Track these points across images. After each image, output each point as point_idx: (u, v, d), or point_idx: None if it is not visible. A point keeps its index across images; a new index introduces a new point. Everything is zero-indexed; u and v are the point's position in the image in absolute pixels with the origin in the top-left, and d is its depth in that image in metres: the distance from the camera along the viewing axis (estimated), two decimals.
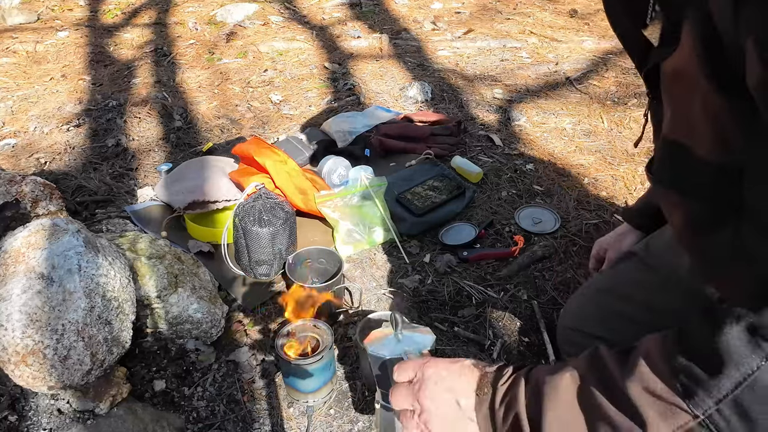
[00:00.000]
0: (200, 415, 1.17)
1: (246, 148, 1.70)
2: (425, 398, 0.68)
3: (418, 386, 0.69)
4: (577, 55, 2.68)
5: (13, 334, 0.99)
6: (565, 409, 0.59)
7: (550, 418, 0.60)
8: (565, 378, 0.60)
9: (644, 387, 0.54)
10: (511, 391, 0.64)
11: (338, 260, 1.42)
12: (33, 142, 2.15)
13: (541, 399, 0.61)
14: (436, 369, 0.69)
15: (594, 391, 0.58)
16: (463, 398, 0.67)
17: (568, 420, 0.59)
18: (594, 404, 0.57)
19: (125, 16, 3.33)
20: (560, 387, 0.60)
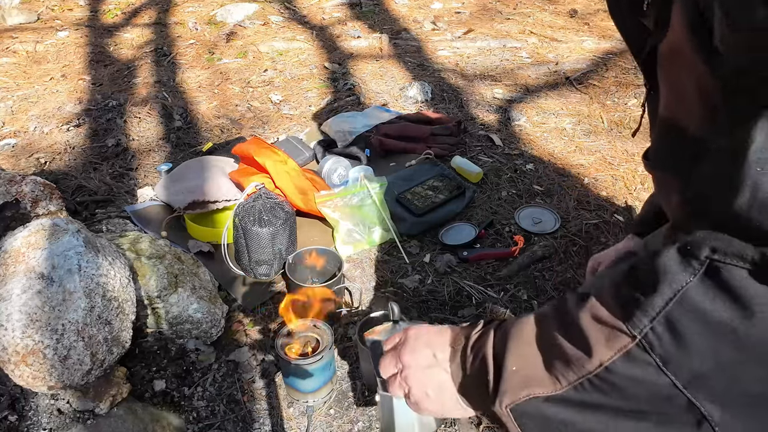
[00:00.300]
0: (200, 415, 1.17)
1: (246, 148, 1.70)
2: (405, 354, 0.71)
3: (401, 346, 0.73)
4: (577, 55, 2.68)
5: (13, 334, 0.99)
6: (527, 347, 0.61)
7: (512, 355, 0.61)
8: (530, 320, 0.63)
9: (593, 315, 0.56)
10: (481, 339, 0.66)
11: (338, 260, 1.42)
12: (33, 142, 2.15)
13: (506, 339, 0.63)
14: (418, 330, 0.73)
15: (552, 328, 0.60)
16: (439, 351, 0.70)
17: (528, 356, 0.61)
18: (551, 340, 0.59)
19: (125, 16, 3.33)
20: (525, 327, 0.63)
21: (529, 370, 0.60)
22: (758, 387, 0.49)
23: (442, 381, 0.69)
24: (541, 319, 0.62)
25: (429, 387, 0.70)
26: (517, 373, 0.61)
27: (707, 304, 0.48)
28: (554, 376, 0.58)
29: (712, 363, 0.49)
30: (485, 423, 1.13)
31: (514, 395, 0.60)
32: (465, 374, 0.67)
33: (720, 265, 0.47)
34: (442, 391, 0.69)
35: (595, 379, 0.55)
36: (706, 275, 0.48)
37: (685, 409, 0.52)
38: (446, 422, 1.14)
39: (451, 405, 0.69)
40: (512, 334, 0.63)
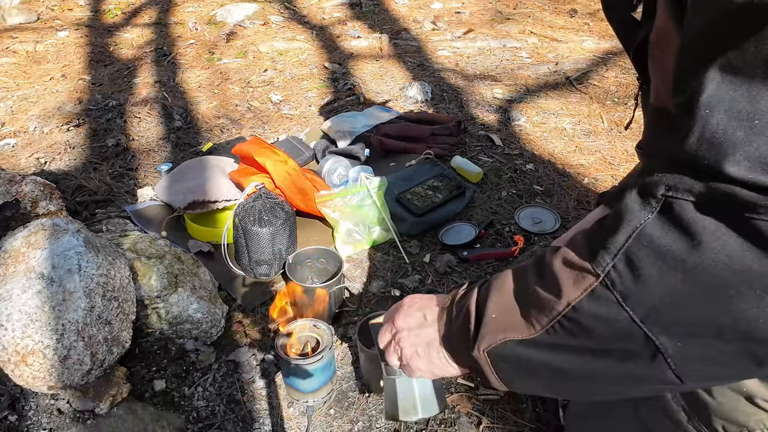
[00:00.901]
0: (200, 414, 1.17)
1: (246, 148, 1.70)
2: (398, 319, 0.76)
3: (395, 313, 0.77)
4: (577, 55, 2.68)
5: (13, 334, 1.00)
6: (505, 295, 0.65)
7: (492, 304, 0.65)
8: (510, 271, 0.66)
9: (563, 259, 0.59)
10: (466, 295, 0.70)
11: (338, 260, 1.42)
12: (33, 141, 2.15)
13: (488, 291, 0.66)
14: (411, 297, 0.78)
15: (529, 276, 0.63)
16: (429, 312, 0.74)
17: (506, 304, 0.64)
18: (528, 288, 0.62)
19: (125, 16, 3.33)
20: (505, 279, 0.66)
21: (506, 317, 0.63)
22: (706, 315, 0.51)
23: (431, 338, 0.73)
24: (519, 270, 0.65)
25: (419, 346, 0.74)
26: (495, 320, 0.64)
27: (661, 238, 0.51)
28: (529, 322, 0.61)
29: (666, 295, 0.52)
30: (485, 423, 1.14)
31: (491, 339, 0.64)
32: (450, 328, 0.71)
33: (673, 201, 0.50)
34: (430, 348, 0.73)
35: (564, 320, 0.58)
36: (661, 212, 0.51)
37: (643, 343, 0.54)
38: (446, 422, 1.14)
39: (439, 362, 0.73)
40: (493, 286, 0.66)
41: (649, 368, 0.55)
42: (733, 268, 0.48)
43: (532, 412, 1.16)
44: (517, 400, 1.18)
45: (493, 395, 1.19)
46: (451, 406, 1.18)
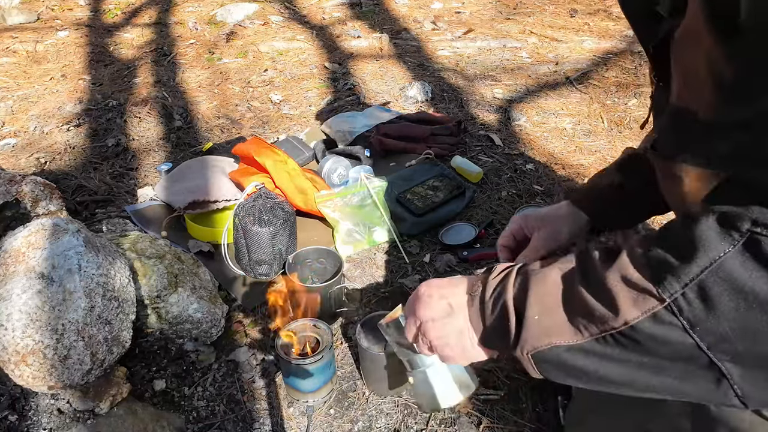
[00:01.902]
0: (200, 414, 1.17)
1: (246, 148, 1.70)
2: (420, 310, 0.75)
3: (416, 304, 0.76)
4: (577, 55, 2.68)
5: (13, 333, 1.00)
6: (549, 297, 0.63)
7: (534, 305, 0.63)
8: (552, 271, 0.64)
9: (621, 275, 0.57)
10: (501, 283, 0.68)
11: (338, 260, 1.42)
12: (33, 141, 2.15)
13: (527, 288, 0.65)
14: (428, 286, 0.76)
15: (576, 281, 0.61)
16: (454, 300, 0.72)
17: (549, 307, 0.63)
18: (575, 293, 0.61)
19: (125, 15, 3.33)
20: (547, 278, 0.64)
21: (550, 320, 0.62)
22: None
23: (461, 328, 0.72)
24: (564, 271, 0.64)
25: (449, 336, 0.73)
26: (538, 323, 0.63)
27: (743, 275, 0.49)
28: (576, 328, 0.60)
29: (740, 330, 0.51)
30: (485, 423, 1.14)
31: (536, 343, 0.63)
32: (484, 320, 0.69)
33: (761, 238, 0.49)
34: (461, 338, 0.72)
35: (618, 334, 0.57)
36: (745, 247, 0.49)
37: (706, 367, 0.54)
38: (446, 422, 1.14)
39: (473, 350, 0.72)
40: (533, 282, 0.65)
41: (710, 391, 0.55)
42: None
43: (532, 412, 1.16)
44: (517, 400, 1.18)
45: (493, 395, 1.19)
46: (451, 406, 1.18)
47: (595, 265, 0.60)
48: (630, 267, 0.57)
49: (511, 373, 1.23)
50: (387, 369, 1.17)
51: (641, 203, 1.02)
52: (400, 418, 1.15)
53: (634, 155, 1.02)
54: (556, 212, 1.04)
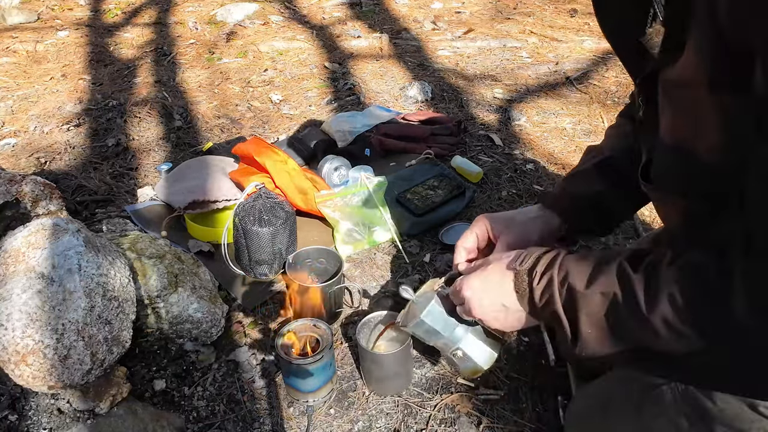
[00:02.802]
0: (200, 414, 1.17)
1: (246, 148, 1.70)
2: (475, 310, 0.87)
3: (468, 306, 0.88)
4: (577, 55, 2.68)
5: (13, 333, 1.00)
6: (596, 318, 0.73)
7: (585, 323, 0.74)
8: (596, 295, 0.73)
9: (663, 320, 0.66)
10: (546, 291, 0.78)
11: (338, 260, 1.42)
12: (33, 141, 2.15)
13: (575, 305, 0.75)
14: (471, 289, 0.87)
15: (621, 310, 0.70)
16: (506, 300, 0.84)
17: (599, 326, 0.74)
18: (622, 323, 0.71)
19: (125, 15, 3.33)
20: (591, 301, 0.73)
21: (601, 335, 0.74)
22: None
23: (521, 317, 0.85)
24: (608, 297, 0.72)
25: (510, 325, 0.87)
26: (591, 336, 0.74)
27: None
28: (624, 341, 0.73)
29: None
30: (485, 423, 1.14)
31: (592, 352, 0.75)
32: (539, 317, 0.83)
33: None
34: (523, 321, 0.85)
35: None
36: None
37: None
38: (446, 422, 1.14)
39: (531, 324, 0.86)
40: (580, 302, 0.74)
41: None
42: None
43: (532, 412, 1.16)
44: (517, 400, 1.18)
45: (493, 395, 1.19)
46: (451, 406, 1.18)
47: (638, 299, 0.68)
48: (671, 314, 0.65)
49: (511, 373, 1.23)
50: (387, 369, 1.17)
51: (617, 209, 1.04)
52: (400, 418, 1.15)
53: (611, 159, 1.01)
54: (526, 216, 1.02)
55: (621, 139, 1.02)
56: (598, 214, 1.02)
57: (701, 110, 0.61)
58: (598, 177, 1.01)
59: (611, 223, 1.07)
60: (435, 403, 1.18)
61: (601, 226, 1.06)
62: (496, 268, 0.85)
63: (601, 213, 1.02)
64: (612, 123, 1.10)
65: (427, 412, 1.16)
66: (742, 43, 0.53)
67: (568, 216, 1.02)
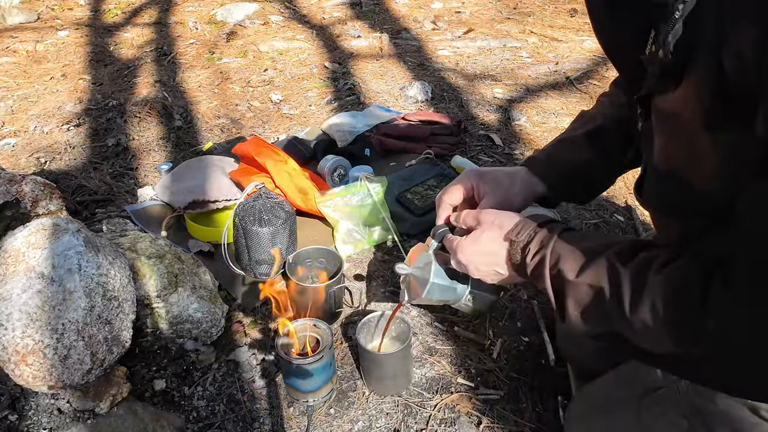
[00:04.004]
0: (200, 414, 1.17)
1: (246, 148, 1.70)
2: (472, 272, 0.89)
3: (466, 267, 0.90)
4: (578, 55, 2.68)
5: (13, 333, 1.00)
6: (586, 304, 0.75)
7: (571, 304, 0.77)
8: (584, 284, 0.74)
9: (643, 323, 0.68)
10: (537, 269, 0.80)
11: (338, 260, 1.42)
12: (33, 141, 2.15)
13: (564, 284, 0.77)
14: (465, 255, 0.89)
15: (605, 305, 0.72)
16: (500, 268, 0.87)
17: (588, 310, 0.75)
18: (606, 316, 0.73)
19: (125, 15, 3.33)
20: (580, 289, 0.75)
21: (588, 320, 0.76)
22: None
23: (516, 278, 0.87)
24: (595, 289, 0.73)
25: (507, 282, 0.91)
26: (577, 317, 0.77)
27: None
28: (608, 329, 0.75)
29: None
30: (485, 423, 1.14)
31: (579, 330, 0.80)
32: (532, 284, 0.84)
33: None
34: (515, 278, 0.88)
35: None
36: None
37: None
38: (446, 422, 1.14)
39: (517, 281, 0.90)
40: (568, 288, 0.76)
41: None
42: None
43: (532, 412, 1.16)
44: (517, 400, 1.18)
45: (493, 395, 1.19)
46: (451, 406, 1.18)
47: (623, 298, 0.70)
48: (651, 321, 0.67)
49: (511, 373, 1.23)
50: (387, 369, 1.17)
51: (601, 179, 1.06)
52: (400, 418, 1.15)
53: (602, 129, 1.03)
54: (513, 179, 1.02)
55: (615, 108, 1.03)
56: (583, 183, 1.04)
57: (696, 144, 0.62)
58: (587, 146, 1.02)
59: (594, 192, 1.09)
60: (435, 403, 1.18)
61: (584, 194, 1.09)
62: (491, 236, 0.86)
63: (586, 182, 1.04)
64: (606, 91, 1.11)
65: (427, 412, 1.16)
66: (745, 87, 0.54)
67: (552, 183, 1.03)
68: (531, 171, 1.03)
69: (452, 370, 1.25)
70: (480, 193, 1.00)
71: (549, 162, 1.04)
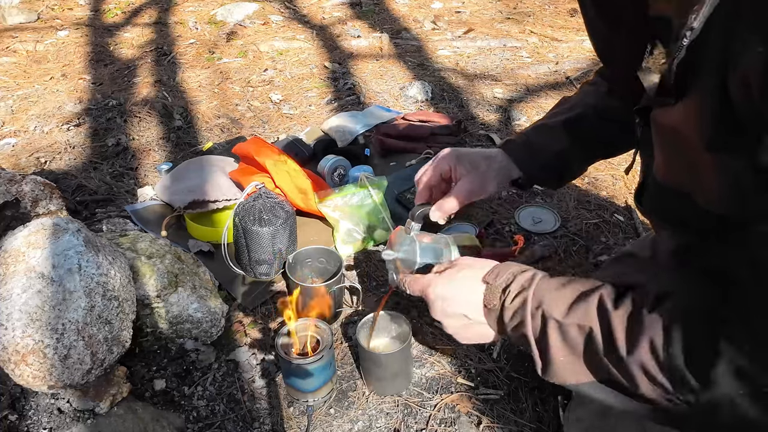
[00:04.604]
0: (200, 414, 1.17)
1: (246, 148, 1.70)
2: (438, 315, 0.86)
3: (432, 305, 0.86)
4: (578, 55, 2.68)
5: (14, 333, 1.00)
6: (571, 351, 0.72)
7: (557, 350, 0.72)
8: (573, 327, 0.71)
9: (642, 366, 0.65)
10: (517, 315, 0.76)
11: (338, 260, 1.42)
12: (33, 141, 2.15)
13: (546, 331, 0.73)
14: (443, 294, 0.85)
15: (599, 349, 0.69)
16: (471, 312, 0.82)
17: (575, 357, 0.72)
18: (599, 359, 0.69)
19: (125, 15, 3.33)
20: (569, 333, 0.71)
21: (574, 365, 0.72)
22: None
23: (484, 332, 0.84)
24: (585, 331, 0.70)
25: (467, 337, 0.87)
26: (563, 364, 0.72)
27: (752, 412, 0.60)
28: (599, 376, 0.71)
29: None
30: (485, 423, 1.14)
31: (563, 379, 0.74)
32: (506, 335, 0.81)
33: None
34: (485, 336, 0.85)
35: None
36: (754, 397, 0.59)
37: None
38: (446, 422, 1.14)
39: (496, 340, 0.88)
40: (555, 330, 0.72)
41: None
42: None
43: (532, 412, 1.16)
44: (517, 400, 1.18)
45: (493, 395, 1.19)
46: (451, 406, 1.18)
47: (616, 339, 0.67)
48: (651, 362, 0.64)
49: (511, 372, 1.23)
50: (387, 369, 1.17)
51: (576, 167, 1.08)
52: (400, 417, 1.15)
53: (581, 118, 1.04)
54: (490, 163, 1.03)
55: (597, 98, 1.04)
56: (557, 171, 1.06)
57: (698, 162, 0.62)
58: (565, 135, 1.02)
59: (566, 179, 1.11)
60: (435, 403, 1.18)
61: (556, 182, 1.10)
62: (468, 275, 0.83)
63: (560, 170, 1.06)
64: (589, 79, 1.12)
65: (427, 412, 1.16)
66: (749, 113, 0.54)
67: (527, 169, 1.04)
68: (508, 155, 1.05)
69: (452, 370, 1.25)
70: (457, 174, 1.02)
71: (526, 148, 1.05)
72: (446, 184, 1.04)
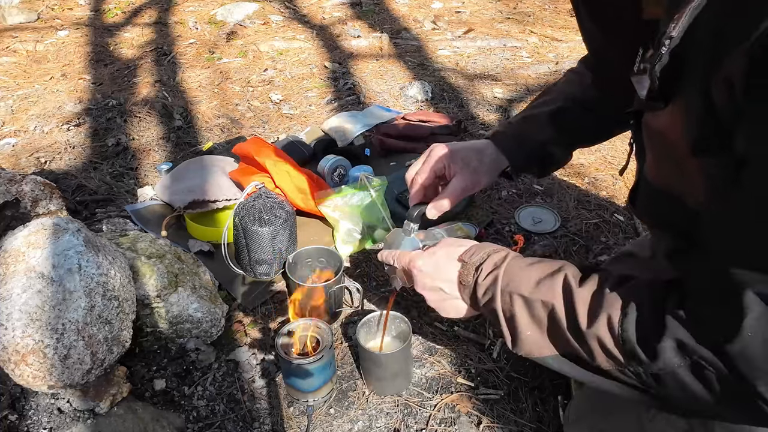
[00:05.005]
0: (200, 414, 1.17)
1: (246, 148, 1.70)
2: (419, 287, 0.92)
3: (414, 279, 0.92)
4: (578, 55, 2.68)
5: (14, 333, 1.00)
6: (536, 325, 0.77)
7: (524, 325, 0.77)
8: (538, 301, 0.76)
9: (598, 339, 0.70)
10: (489, 291, 0.81)
11: (338, 260, 1.42)
12: (33, 141, 2.15)
13: (513, 307, 0.78)
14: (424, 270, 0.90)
15: (561, 323, 0.74)
16: (446, 286, 0.88)
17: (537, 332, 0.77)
18: (560, 332, 0.74)
19: (125, 15, 3.33)
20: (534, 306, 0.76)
21: (539, 339, 0.77)
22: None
23: (459, 306, 0.89)
24: (548, 307, 0.75)
25: (445, 309, 0.91)
26: (529, 338, 0.78)
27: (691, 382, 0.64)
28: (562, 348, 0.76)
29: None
30: (485, 423, 1.14)
31: (529, 352, 0.79)
32: (478, 310, 0.86)
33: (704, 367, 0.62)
34: (459, 311, 0.90)
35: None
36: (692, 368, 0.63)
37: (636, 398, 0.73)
38: (446, 422, 1.14)
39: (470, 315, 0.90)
40: (522, 306, 0.77)
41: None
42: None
43: (532, 412, 1.16)
44: (517, 400, 1.18)
45: (493, 395, 1.19)
46: (451, 406, 1.18)
47: (578, 315, 0.71)
48: (607, 336, 0.68)
49: (511, 372, 1.23)
50: (387, 369, 1.17)
51: (561, 156, 1.13)
52: (400, 417, 1.15)
53: (565, 109, 1.08)
54: (481, 158, 1.07)
55: (581, 89, 1.08)
56: (543, 161, 1.11)
57: (685, 165, 0.64)
58: (550, 126, 1.07)
59: (552, 168, 1.16)
60: (435, 403, 1.18)
61: (542, 171, 1.15)
62: (446, 254, 0.89)
63: (547, 160, 1.11)
64: (574, 67, 1.15)
65: (427, 411, 1.16)
66: (733, 114, 0.55)
67: (515, 159, 1.09)
68: (497, 147, 1.08)
69: (452, 370, 1.25)
70: (451, 172, 1.05)
71: (514, 140, 1.10)
72: (439, 180, 1.08)
